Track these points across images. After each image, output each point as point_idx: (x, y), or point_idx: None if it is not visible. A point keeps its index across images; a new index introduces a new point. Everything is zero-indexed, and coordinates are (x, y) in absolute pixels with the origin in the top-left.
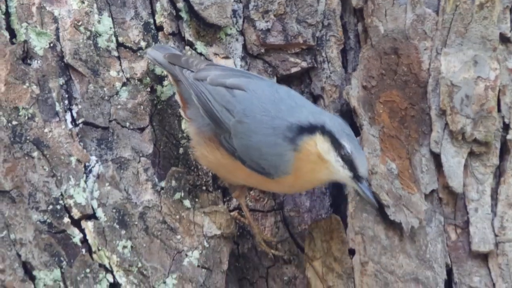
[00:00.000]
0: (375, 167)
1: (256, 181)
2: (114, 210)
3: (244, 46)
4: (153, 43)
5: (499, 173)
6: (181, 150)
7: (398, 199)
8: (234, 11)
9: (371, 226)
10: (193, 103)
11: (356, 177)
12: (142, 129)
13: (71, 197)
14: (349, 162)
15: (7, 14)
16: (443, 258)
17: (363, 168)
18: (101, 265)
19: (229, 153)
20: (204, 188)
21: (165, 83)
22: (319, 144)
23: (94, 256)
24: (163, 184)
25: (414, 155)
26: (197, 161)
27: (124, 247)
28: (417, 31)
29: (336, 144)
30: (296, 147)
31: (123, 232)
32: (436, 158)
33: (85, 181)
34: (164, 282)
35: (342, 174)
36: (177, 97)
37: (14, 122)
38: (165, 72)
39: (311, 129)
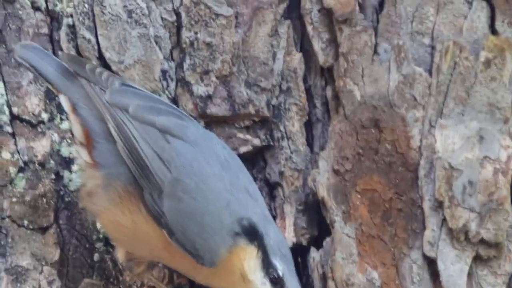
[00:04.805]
0: (351, 277)
1: (177, 263)
2: None
3: None
4: (58, 114)
5: None
6: (96, 257)
7: None
8: (164, 72)
9: None
10: (102, 139)
11: None
12: (45, 229)
13: None
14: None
15: None
16: None
17: None
18: None
19: (154, 219)
20: None
21: (75, 167)
22: (248, 259)
23: None
24: None
25: (402, 261)
26: (97, 222)
27: None
28: (404, 96)
29: (266, 263)
30: (231, 247)
31: None
32: (431, 264)
33: None
34: None
35: None
36: (75, 130)
37: None
38: (73, 153)
39: (253, 235)
